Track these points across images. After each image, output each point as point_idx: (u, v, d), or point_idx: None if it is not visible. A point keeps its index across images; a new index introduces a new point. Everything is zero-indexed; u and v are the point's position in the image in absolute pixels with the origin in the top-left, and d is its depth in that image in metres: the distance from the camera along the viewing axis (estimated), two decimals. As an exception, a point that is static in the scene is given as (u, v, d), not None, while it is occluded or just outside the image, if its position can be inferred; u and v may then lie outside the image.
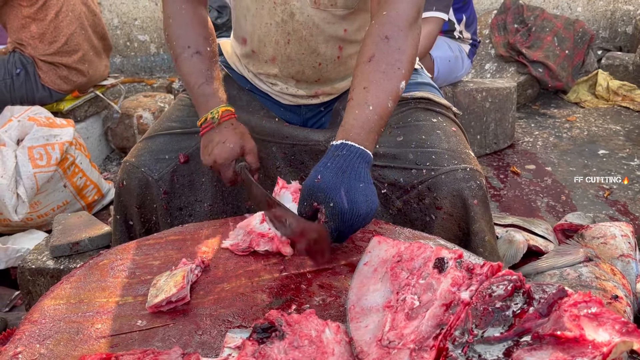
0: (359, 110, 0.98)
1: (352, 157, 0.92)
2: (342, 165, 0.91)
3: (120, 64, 5.11)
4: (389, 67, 1.01)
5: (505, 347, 0.63)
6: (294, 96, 1.34)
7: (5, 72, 2.70)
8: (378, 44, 1.03)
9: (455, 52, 2.79)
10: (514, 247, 1.80)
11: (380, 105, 0.98)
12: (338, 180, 0.89)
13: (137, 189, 1.26)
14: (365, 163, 0.93)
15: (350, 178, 0.90)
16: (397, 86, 1.02)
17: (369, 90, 0.99)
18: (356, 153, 0.93)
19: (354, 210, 0.89)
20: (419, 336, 0.67)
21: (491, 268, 0.74)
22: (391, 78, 1.01)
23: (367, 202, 0.90)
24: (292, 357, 0.66)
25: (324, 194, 0.89)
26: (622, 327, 0.61)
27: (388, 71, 1.01)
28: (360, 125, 0.96)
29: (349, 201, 0.88)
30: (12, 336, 0.81)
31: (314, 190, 0.90)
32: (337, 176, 0.90)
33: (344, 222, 0.89)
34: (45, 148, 2.27)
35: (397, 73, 1.02)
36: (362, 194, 0.90)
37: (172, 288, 0.85)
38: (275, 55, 1.28)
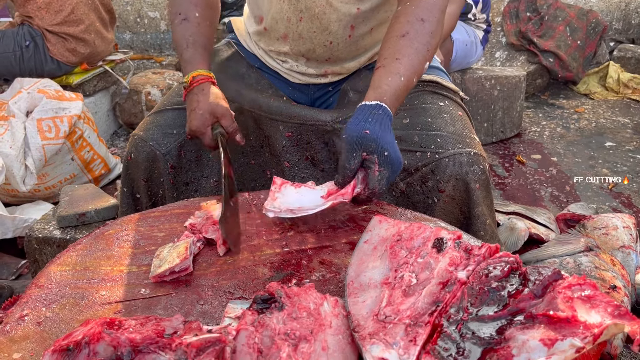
0: (392, 78, 1.03)
1: (386, 118, 0.98)
2: (382, 121, 0.97)
3: (129, 40, 5.11)
4: (421, 45, 1.07)
5: (499, 326, 0.64)
6: (303, 74, 1.35)
7: (14, 44, 2.71)
8: (413, 24, 1.09)
9: (471, 37, 2.79)
10: (515, 234, 1.81)
11: (409, 78, 1.05)
12: (384, 134, 0.95)
13: (144, 163, 1.28)
14: (389, 119, 1.00)
15: (391, 134, 0.97)
16: (423, 65, 1.08)
17: (401, 62, 1.05)
18: (388, 115, 0.99)
19: (400, 160, 0.97)
20: (414, 312, 0.69)
21: (489, 249, 0.76)
22: (420, 56, 1.07)
23: (394, 147, 0.97)
24: (290, 327, 0.67)
25: (375, 143, 0.94)
26: (614, 310, 0.63)
27: (419, 49, 1.07)
28: (392, 92, 1.02)
29: (395, 152, 0.96)
30: (19, 299, 0.83)
31: (365, 140, 0.94)
32: (382, 131, 0.96)
33: (394, 171, 0.96)
34: (54, 121, 2.28)
35: (425, 54, 1.08)
36: (398, 149, 0.98)
37: (175, 259, 0.86)
38: (286, 33, 1.28)
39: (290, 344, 0.66)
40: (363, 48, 1.31)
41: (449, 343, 0.63)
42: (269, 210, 1.00)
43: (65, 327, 0.76)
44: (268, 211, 1.00)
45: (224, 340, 0.61)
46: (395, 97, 1.02)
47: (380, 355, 0.64)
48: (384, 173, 0.95)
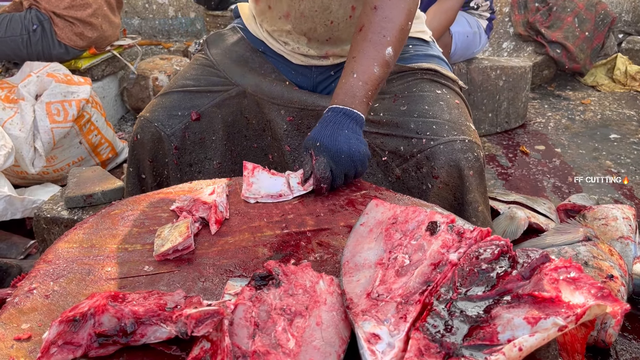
0: (345, 79, 1.10)
1: (337, 115, 1.06)
2: (327, 121, 1.06)
3: (138, 25, 5.13)
4: (374, 35, 1.11)
5: (486, 305, 0.67)
6: (305, 56, 1.37)
7: (22, 27, 2.74)
8: (367, 14, 1.13)
9: (473, 27, 2.78)
10: (515, 223, 1.83)
11: (364, 72, 1.09)
12: (322, 130, 1.05)
13: (150, 143, 1.31)
14: (350, 119, 1.06)
15: (333, 127, 1.04)
16: (382, 53, 1.10)
17: (357, 59, 1.11)
18: (339, 112, 1.06)
19: (336, 145, 1.02)
20: (406, 291, 0.71)
21: (480, 233, 0.78)
22: (377, 45, 1.10)
23: (349, 142, 1.03)
24: (286, 303, 0.70)
25: (312, 141, 1.05)
26: (597, 291, 0.65)
27: (374, 39, 1.11)
28: (344, 92, 1.09)
29: (332, 140, 1.03)
30: (28, 274, 0.87)
31: (305, 143, 1.06)
32: (321, 128, 1.05)
33: (331, 157, 1.03)
34: (63, 104, 2.32)
35: (382, 40, 1.11)
36: (344, 136, 1.03)
37: (178, 238, 0.89)
38: (289, 11, 1.30)
39: (286, 318, 0.69)
40: None
41: (437, 320, 0.66)
42: (248, 197, 1.06)
43: (71, 300, 0.79)
44: (247, 198, 1.06)
45: (222, 312, 0.64)
46: (349, 94, 1.08)
47: (372, 331, 0.67)
48: (321, 160, 1.02)
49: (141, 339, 0.68)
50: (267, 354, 0.63)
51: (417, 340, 0.63)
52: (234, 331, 0.65)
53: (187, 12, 5.09)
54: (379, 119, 1.24)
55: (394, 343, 0.65)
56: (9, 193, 2.01)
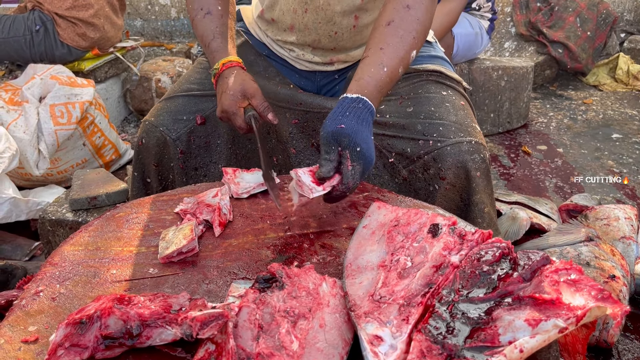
0: (374, 69, 1.04)
1: (366, 112, 0.99)
2: (360, 116, 0.98)
3: (140, 27, 5.14)
4: (406, 33, 1.08)
5: (488, 307, 0.68)
6: (310, 62, 1.38)
7: (25, 28, 2.76)
8: (399, 11, 1.09)
9: (475, 28, 2.78)
10: (516, 223, 1.84)
11: (393, 68, 1.06)
12: (359, 128, 0.96)
13: (155, 148, 1.32)
14: (369, 113, 1.01)
15: (366, 129, 0.98)
16: (409, 53, 1.08)
17: (385, 51, 1.06)
18: (369, 109, 1.00)
19: (372, 156, 0.97)
20: (408, 293, 0.72)
21: (482, 235, 0.79)
22: (406, 44, 1.07)
23: (373, 150, 0.98)
24: (289, 305, 0.71)
25: (349, 139, 0.94)
26: (597, 293, 0.66)
27: (405, 37, 1.07)
28: (374, 84, 1.03)
29: (368, 148, 0.96)
30: (34, 277, 0.88)
31: (339, 135, 0.95)
32: (357, 125, 0.96)
33: (366, 167, 0.96)
34: (67, 106, 2.33)
35: (411, 42, 1.08)
36: (373, 145, 0.98)
37: (182, 240, 0.90)
38: (293, 24, 1.31)
39: (290, 320, 0.69)
40: (367, 37, 1.34)
41: (439, 322, 0.67)
42: (242, 193, 1.09)
43: (78, 302, 0.80)
44: (241, 194, 1.09)
45: (227, 315, 0.65)
46: (377, 89, 1.03)
47: (374, 333, 0.67)
48: (357, 168, 0.95)
49: (147, 341, 0.69)
50: (271, 355, 0.64)
51: (419, 342, 0.64)
52: (238, 333, 0.66)
53: (190, 13, 5.09)
54: (385, 120, 1.25)
55: (396, 345, 0.66)
56: (13, 195, 2.03)
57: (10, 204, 2.01)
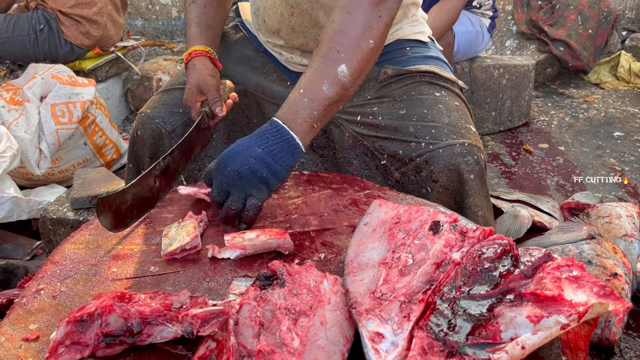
0: (292, 94, 1.03)
1: (269, 130, 0.99)
2: (257, 132, 0.99)
3: (141, 26, 5.14)
4: (328, 50, 1.03)
5: (489, 304, 0.68)
6: (300, 64, 1.37)
7: (29, 27, 2.76)
8: (327, 29, 1.06)
9: (476, 26, 2.78)
10: (518, 222, 1.84)
11: (312, 88, 1.02)
12: (242, 140, 0.98)
13: (150, 140, 1.32)
14: (280, 139, 0.98)
15: (251, 141, 0.97)
16: (334, 70, 1.02)
17: (306, 75, 1.04)
18: (274, 127, 0.99)
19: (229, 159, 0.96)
20: (409, 290, 0.72)
21: (483, 232, 0.79)
22: (328, 62, 1.03)
23: (249, 160, 0.95)
24: (290, 303, 0.71)
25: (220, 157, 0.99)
26: (600, 290, 0.66)
27: (326, 54, 1.03)
28: (287, 106, 1.02)
29: (230, 152, 0.96)
30: (35, 275, 0.88)
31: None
32: (243, 139, 0.99)
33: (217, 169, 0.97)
34: (68, 106, 2.33)
35: (335, 57, 1.03)
36: (250, 154, 0.95)
37: (186, 237, 0.90)
38: (280, 28, 1.31)
39: (291, 318, 0.69)
40: None
41: (441, 319, 0.67)
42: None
43: (79, 300, 0.80)
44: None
45: (228, 312, 0.64)
46: (293, 110, 1.01)
47: (376, 330, 0.67)
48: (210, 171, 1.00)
49: (148, 339, 0.69)
50: (272, 353, 0.63)
51: (421, 339, 0.64)
52: (239, 331, 0.66)
53: (190, 13, 5.09)
54: (377, 122, 1.24)
55: (397, 342, 0.65)
56: (15, 194, 2.03)
57: (12, 203, 2.01)
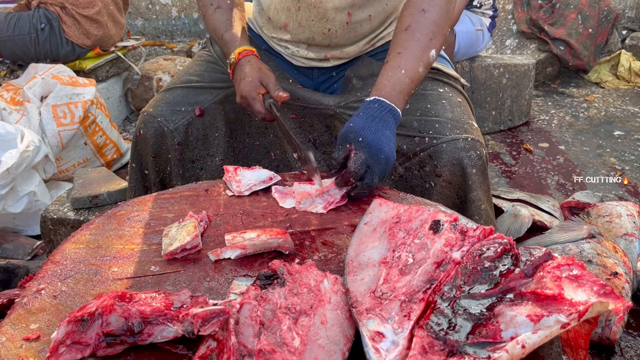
0: (392, 73, 1.11)
1: (382, 110, 1.06)
2: (372, 114, 1.05)
3: (141, 26, 5.14)
4: (422, 36, 1.14)
5: (489, 303, 0.68)
6: (305, 58, 1.38)
7: (30, 26, 2.76)
8: (415, 15, 1.15)
9: (476, 25, 2.78)
10: (518, 221, 1.84)
11: (411, 69, 1.11)
12: (367, 123, 1.04)
13: (152, 139, 1.32)
14: (393, 117, 1.07)
15: (378, 124, 1.04)
16: (428, 54, 1.14)
17: (403, 55, 1.12)
18: (386, 107, 1.07)
19: (379, 145, 1.02)
20: (410, 289, 0.72)
21: (483, 231, 0.79)
22: (423, 46, 1.13)
23: (390, 144, 1.04)
24: (291, 302, 0.71)
25: (354, 133, 1.03)
26: (600, 289, 0.66)
27: (422, 40, 1.13)
28: (392, 86, 1.09)
29: (374, 138, 1.02)
30: (36, 275, 0.88)
31: (346, 132, 1.04)
32: (366, 121, 1.04)
33: (371, 155, 1.02)
34: (69, 106, 2.33)
35: (429, 43, 1.14)
36: (386, 137, 1.04)
37: (186, 237, 0.90)
38: (287, 22, 1.32)
39: (291, 317, 0.69)
40: (362, 34, 1.33)
41: (441, 318, 0.67)
42: (244, 191, 1.10)
43: (79, 300, 0.80)
44: (244, 192, 1.10)
45: (228, 311, 0.64)
46: (397, 89, 1.09)
47: (376, 329, 0.67)
48: (359, 155, 1.01)
49: (148, 339, 0.69)
50: (273, 352, 0.63)
51: (421, 338, 0.64)
52: (239, 330, 0.66)
53: (190, 13, 5.10)
54: None
55: (398, 341, 0.66)
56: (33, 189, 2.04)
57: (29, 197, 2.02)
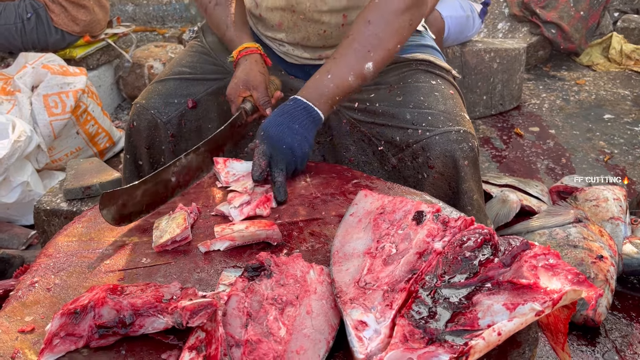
0: (319, 76, 1.13)
1: (296, 107, 1.09)
2: (283, 110, 1.09)
3: (132, 12, 5.10)
4: (361, 46, 1.13)
5: (468, 292, 0.70)
6: (300, 57, 1.39)
7: (16, 16, 2.74)
8: (359, 25, 1.15)
9: (466, 11, 2.78)
10: (507, 206, 1.86)
11: (340, 76, 1.12)
12: (274, 118, 1.08)
13: (146, 131, 1.33)
14: (308, 115, 1.08)
15: (286, 118, 1.07)
16: (363, 65, 1.13)
17: (336, 61, 1.14)
18: (300, 105, 1.09)
19: (280, 136, 1.05)
20: (392, 279, 0.74)
21: (464, 222, 0.81)
22: (359, 57, 1.13)
23: (295, 136, 1.06)
24: (277, 293, 0.74)
25: (261, 129, 1.08)
26: (574, 277, 0.68)
27: (359, 50, 1.13)
28: (314, 87, 1.12)
29: (277, 130, 1.05)
30: (30, 268, 0.90)
31: (258, 130, 1.09)
32: (275, 117, 1.08)
33: (272, 146, 1.05)
34: (60, 96, 2.33)
35: (366, 55, 1.13)
36: (292, 130, 1.06)
37: (176, 229, 0.92)
38: (281, 22, 1.32)
39: (277, 308, 0.72)
40: None
41: (422, 307, 0.69)
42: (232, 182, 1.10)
43: (72, 292, 0.82)
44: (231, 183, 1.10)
45: (215, 304, 0.67)
46: (318, 91, 1.11)
47: (359, 319, 0.70)
48: (261, 147, 1.06)
49: (140, 330, 0.71)
50: (259, 342, 0.66)
51: (402, 327, 0.67)
52: (227, 321, 0.68)
53: (182, -2, 5.06)
54: (374, 109, 1.26)
55: (380, 329, 0.68)
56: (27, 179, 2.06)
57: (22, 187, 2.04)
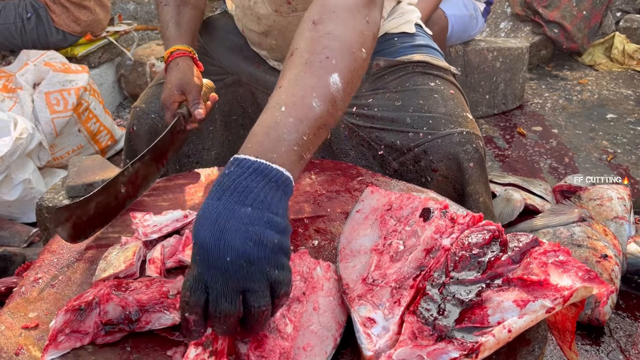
0: (266, 115, 0.74)
1: (240, 175, 0.65)
2: (223, 187, 0.65)
3: (133, 10, 5.10)
4: (313, 56, 0.80)
5: (477, 289, 0.70)
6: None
7: (15, 15, 2.73)
8: (303, 31, 0.84)
9: (470, 10, 2.77)
10: (511, 205, 1.86)
11: (298, 104, 0.75)
12: (207, 207, 0.63)
13: (146, 135, 1.32)
14: (265, 181, 0.65)
15: (226, 203, 0.63)
16: (326, 80, 0.78)
17: (285, 88, 0.77)
18: (248, 168, 0.66)
19: (219, 243, 0.60)
20: (400, 276, 0.74)
21: (472, 218, 0.80)
22: (316, 70, 0.78)
23: (248, 233, 0.61)
24: (284, 289, 0.73)
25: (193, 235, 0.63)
26: (584, 274, 0.67)
27: (312, 61, 0.79)
28: (264, 132, 0.71)
29: (213, 233, 0.61)
30: (33, 264, 0.89)
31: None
32: (208, 203, 0.64)
33: (207, 265, 0.60)
34: (62, 93, 2.33)
35: (324, 64, 0.79)
36: (240, 221, 0.62)
37: (122, 264, 0.84)
38: (260, 42, 1.32)
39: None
40: None
41: (430, 304, 0.68)
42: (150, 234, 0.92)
43: (76, 289, 0.82)
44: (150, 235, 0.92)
45: (223, 300, 0.66)
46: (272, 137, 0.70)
47: (367, 315, 0.69)
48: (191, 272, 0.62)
49: (146, 326, 0.71)
50: (266, 338, 0.65)
51: (411, 324, 0.66)
52: (234, 317, 0.67)
53: (183, -4, 5.05)
54: (373, 113, 1.23)
55: (388, 326, 0.67)
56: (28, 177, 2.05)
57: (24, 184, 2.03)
